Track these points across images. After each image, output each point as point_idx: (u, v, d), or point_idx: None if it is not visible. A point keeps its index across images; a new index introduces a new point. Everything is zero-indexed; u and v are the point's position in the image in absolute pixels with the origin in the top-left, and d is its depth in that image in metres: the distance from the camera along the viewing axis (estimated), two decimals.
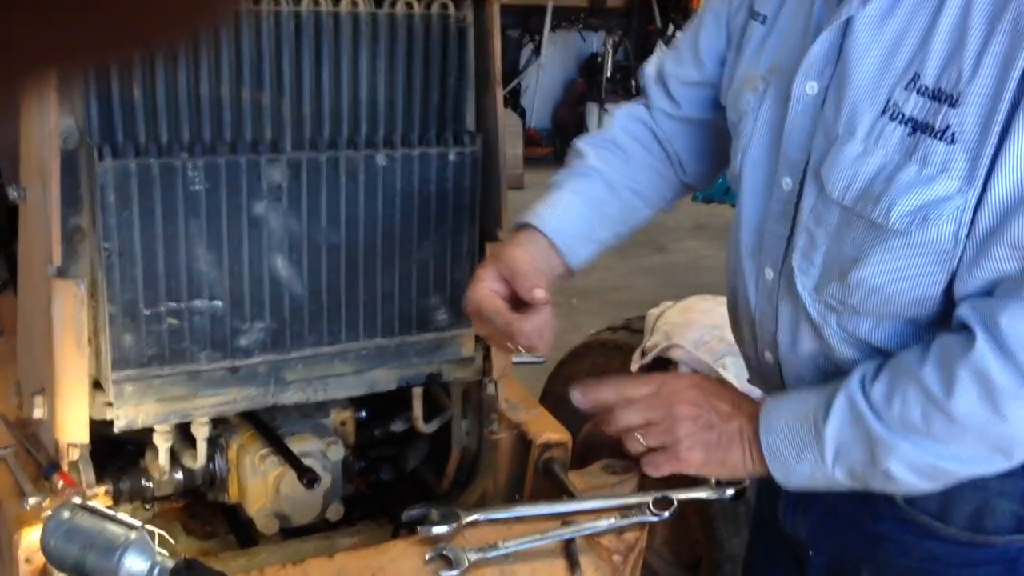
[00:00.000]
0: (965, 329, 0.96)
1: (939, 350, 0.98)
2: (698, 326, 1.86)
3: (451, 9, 1.37)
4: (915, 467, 1.00)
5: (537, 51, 6.72)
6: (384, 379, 1.43)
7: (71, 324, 1.19)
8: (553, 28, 6.73)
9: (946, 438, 0.97)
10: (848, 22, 1.02)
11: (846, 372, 1.06)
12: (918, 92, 0.97)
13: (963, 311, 0.97)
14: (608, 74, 6.52)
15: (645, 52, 6.62)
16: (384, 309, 1.40)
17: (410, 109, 1.38)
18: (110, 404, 1.27)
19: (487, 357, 1.48)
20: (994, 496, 1.07)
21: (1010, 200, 0.93)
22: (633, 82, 6.56)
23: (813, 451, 1.05)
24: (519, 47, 6.78)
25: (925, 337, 1.03)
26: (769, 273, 1.15)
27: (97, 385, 1.28)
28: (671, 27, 6.39)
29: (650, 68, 1.36)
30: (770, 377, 1.21)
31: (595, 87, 6.58)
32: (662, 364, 1.86)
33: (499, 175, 1.44)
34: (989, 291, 0.97)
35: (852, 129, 1.01)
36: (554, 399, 2.19)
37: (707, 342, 1.83)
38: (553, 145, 6.78)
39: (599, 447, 2.20)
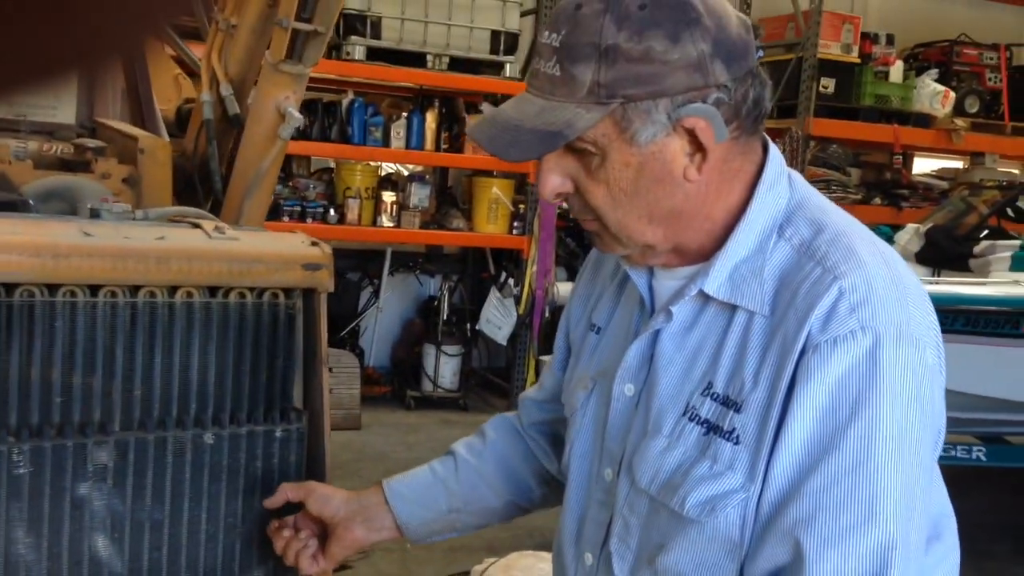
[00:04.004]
0: None
1: None
2: None
3: (281, 298, 1.50)
4: None
5: (376, 294, 6.94)
6: None
7: None
8: (392, 272, 6.99)
9: None
10: (656, 334, 1.17)
11: None
12: (711, 398, 1.11)
13: None
14: (444, 316, 6.75)
15: (480, 296, 6.94)
16: None
17: (239, 389, 1.47)
18: None
19: None
20: None
21: (779, 495, 1.05)
22: (468, 324, 6.83)
23: None
24: (359, 290, 6.99)
25: None
26: (588, 559, 1.23)
27: None
28: (503, 274, 6.76)
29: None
30: None
31: (432, 328, 6.78)
32: None
33: (324, 449, 1.52)
34: None
35: (659, 427, 1.15)
36: None
37: None
38: (392, 384, 6.87)
39: None
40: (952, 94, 7.28)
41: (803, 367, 1.04)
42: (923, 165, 8.48)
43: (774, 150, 1.17)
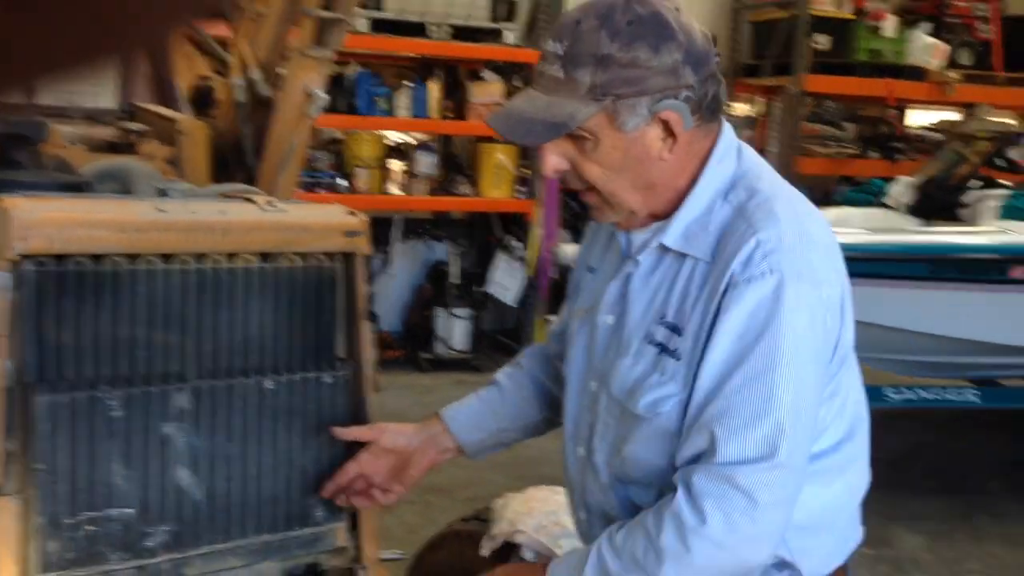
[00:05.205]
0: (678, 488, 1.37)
1: (660, 504, 1.38)
2: (537, 513, 2.15)
3: (324, 261, 1.71)
4: None
5: (387, 260, 7.14)
6: (270, 571, 1.66)
7: (10, 539, 1.39)
8: (402, 239, 7.19)
9: (654, 571, 1.34)
10: (628, 276, 1.49)
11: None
12: (664, 326, 1.43)
13: (677, 475, 1.38)
14: (454, 280, 6.95)
15: (487, 259, 7.13)
16: (270, 509, 1.65)
17: (292, 341, 1.68)
18: None
19: (358, 547, 1.74)
20: None
21: (702, 398, 1.37)
22: (476, 287, 7.03)
23: None
24: (370, 258, 7.19)
25: None
26: (580, 451, 1.56)
27: None
28: (510, 238, 6.94)
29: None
30: (584, 531, 1.61)
31: (442, 292, 6.98)
32: (509, 547, 2.13)
33: (365, 393, 1.75)
34: (695, 461, 1.37)
35: (627, 349, 1.47)
36: None
37: (545, 526, 2.13)
38: (405, 348, 7.08)
39: None
40: (945, 47, 7.42)
41: (726, 300, 1.36)
42: (921, 118, 8.63)
43: (727, 130, 1.46)
